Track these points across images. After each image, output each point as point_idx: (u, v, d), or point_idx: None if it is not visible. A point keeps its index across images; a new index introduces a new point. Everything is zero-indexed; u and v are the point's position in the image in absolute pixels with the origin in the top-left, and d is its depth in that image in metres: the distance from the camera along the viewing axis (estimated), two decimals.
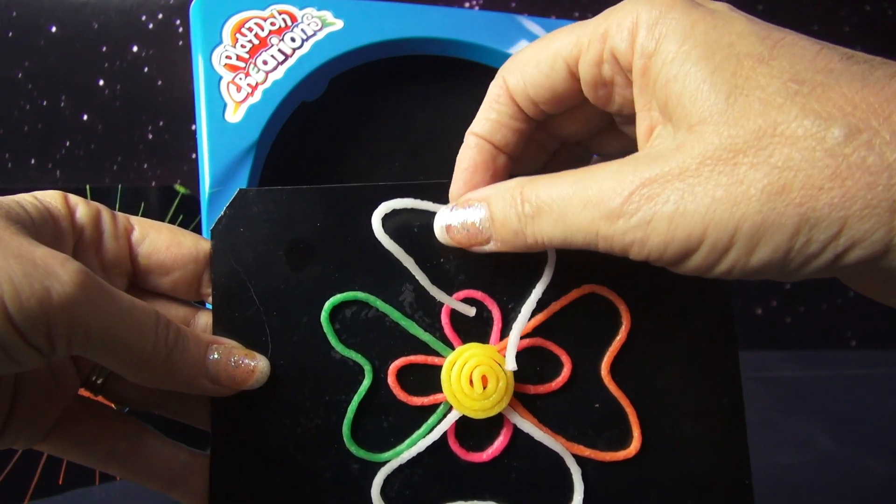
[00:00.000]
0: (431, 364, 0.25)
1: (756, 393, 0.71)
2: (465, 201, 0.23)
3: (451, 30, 0.39)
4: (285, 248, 0.25)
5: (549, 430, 0.25)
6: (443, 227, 0.23)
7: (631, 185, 0.18)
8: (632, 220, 0.18)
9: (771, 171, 0.16)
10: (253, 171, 0.34)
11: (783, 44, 0.18)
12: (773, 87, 0.17)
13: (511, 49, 0.40)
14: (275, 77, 0.35)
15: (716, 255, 0.18)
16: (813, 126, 0.16)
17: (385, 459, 0.24)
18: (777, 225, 0.17)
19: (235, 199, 0.25)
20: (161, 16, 0.70)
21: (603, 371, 0.25)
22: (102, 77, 0.70)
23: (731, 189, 0.17)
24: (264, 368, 0.24)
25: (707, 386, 0.25)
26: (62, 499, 0.51)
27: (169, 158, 0.72)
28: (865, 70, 0.17)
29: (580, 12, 0.82)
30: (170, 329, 0.21)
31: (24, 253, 0.18)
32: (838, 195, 0.16)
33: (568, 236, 0.20)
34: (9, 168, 0.68)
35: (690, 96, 0.18)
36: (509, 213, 0.21)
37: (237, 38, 0.35)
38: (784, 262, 0.17)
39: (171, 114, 0.71)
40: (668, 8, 0.19)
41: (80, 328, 0.18)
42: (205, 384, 0.22)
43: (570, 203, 0.19)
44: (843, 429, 0.66)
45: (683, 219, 0.17)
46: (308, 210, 0.25)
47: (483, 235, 0.22)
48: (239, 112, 0.34)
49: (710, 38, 0.18)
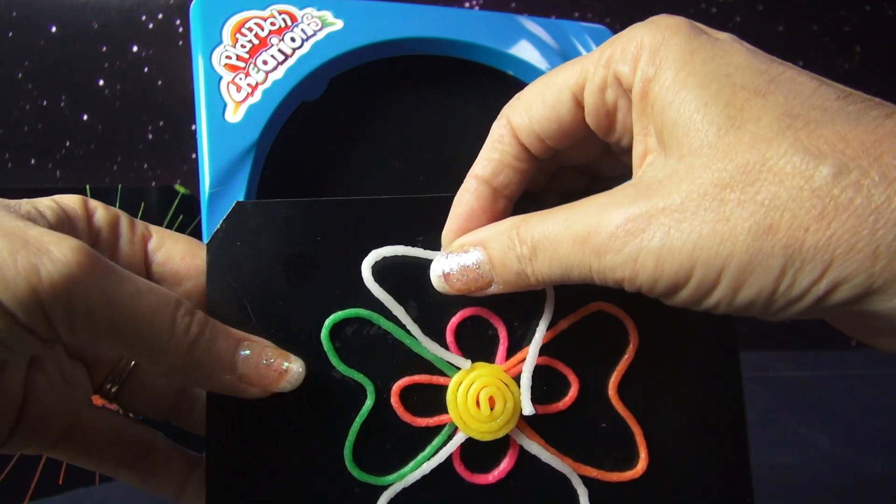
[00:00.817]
0: (436, 384, 0.24)
1: (756, 393, 0.71)
2: (460, 247, 0.22)
3: (451, 30, 0.39)
4: (284, 262, 0.24)
5: (556, 452, 0.24)
6: (440, 277, 0.23)
7: (617, 220, 0.18)
8: (618, 257, 0.18)
9: (758, 210, 0.16)
10: (253, 171, 0.34)
11: (782, 78, 0.18)
12: (765, 121, 0.17)
13: (511, 49, 0.40)
14: (275, 77, 0.35)
15: (703, 292, 0.18)
16: (802, 163, 0.16)
17: (388, 483, 0.23)
18: (763, 266, 0.16)
19: (232, 213, 0.24)
20: (161, 16, 0.70)
21: (610, 391, 0.24)
22: (102, 77, 0.70)
23: (718, 226, 0.17)
24: (298, 371, 0.23)
25: (711, 402, 0.25)
26: (62, 499, 0.51)
27: (169, 158, 0.72)
28: (861, 109, 0.17)
29: (580, 12, 0.82)
30: (194, 318, 0.21)
31: (15, 232, 0.17)
32: (824, 238, 0.16)
33: (565, 273, 0.20)
34: (9, 168, 0.68)
35: (684, 125, 0.18)
36: (509, 256, 0.21)
37: (237, 38, 0.35)
38: (768, 303, 0.17)
39: (171, 114, 0.71)
40: (671, 35, 0.19)
41: (80, 309, 0.18)
42: (233, 382, 0.22)
43: (561, 240, 0.19)
44: (843, 429, 0.66)
45: (671, 255, 0.17)
46: (308, 223, 0.24)
47: (484, 280, 0.22)
48: (239, 112, 0.34)
49: (707, 68, 0.18)
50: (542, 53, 0.40)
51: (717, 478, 0.25)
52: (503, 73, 0.41)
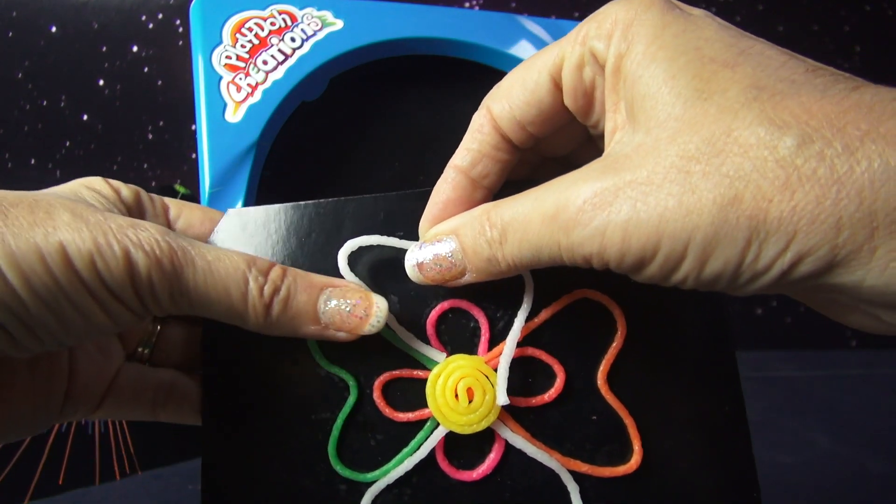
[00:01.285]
0: (417, 378, 0.24)
1: (756, 393, 0.71)
2: (433, 236, 0.22)
3: (451, 30, 0.39)
4: None
5: (543, 445, 0.23)
6: (414, 267, 0.23)
7: (585, 195, 0.18)
8: (587, 230, 0.18)
9: (722, 181, 0.16)
10: (253, 171, 0.34)
11: (751, 51, 0.18)
12: (732, 92, 0.17)
13: (511, 49, 0.40)
14: (275, 77, 0.35)
15: (671, 265, 0.17)
16: (766, 134, 0.16)
17: (372, 479, 0.23)
18: (729, 237, 0.16)
19: (225, 222, 0.25)
20: (161, 16, 0.70)
21: (599, 381, 0.24)
22: (102, 77, 0.70)
23: (684, 198, 0.17)
24: (381, 310, 0.23)
25: (707, 393, 0.24)
26: (62, 499, 0.51)
27: (169, 158, 0.72)
28: (828, 82, 0.17)
29: (580, 12, 0.82)
30: (268, 276, 0.21)
31: (102, 223, 0.19)
32: (787, 208, 0.16)
33: (534, 254, 0.20)
34: (9, 168, 0.68)
35: (652, 98, 0.18)
36: (479, 242, 0.21)
37: (237, 38, 0.35)
38: (735, 275, 0.17)
39: (171, 114, 0.71)
40: (643, 10, 0.19)
41: (165, 288, 0.20)
42: (319, 331, 0.22)
43: (530, 220, 0.19)
44: (843, 429, 0.66)
45: (637, 228, 0.17)
46: (293, 227, 0.25)
47: (457, 269, 0.22)
48: (239, 112, 0.34)
49: (678, 41, 0.18)
50: None
51: (719, 472, 0.23)
52: (503, 74, 0.41)
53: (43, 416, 0.23)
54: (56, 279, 0.18)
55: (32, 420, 0.22)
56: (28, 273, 0.18)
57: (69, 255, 0.18)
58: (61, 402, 0.23)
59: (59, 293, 0.18)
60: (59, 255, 0.18)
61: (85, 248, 0.18)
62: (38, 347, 0.19)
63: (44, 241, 0.18)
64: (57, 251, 0.18)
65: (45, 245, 0.18)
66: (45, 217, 0.19)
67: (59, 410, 0.23)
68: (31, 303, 0.18)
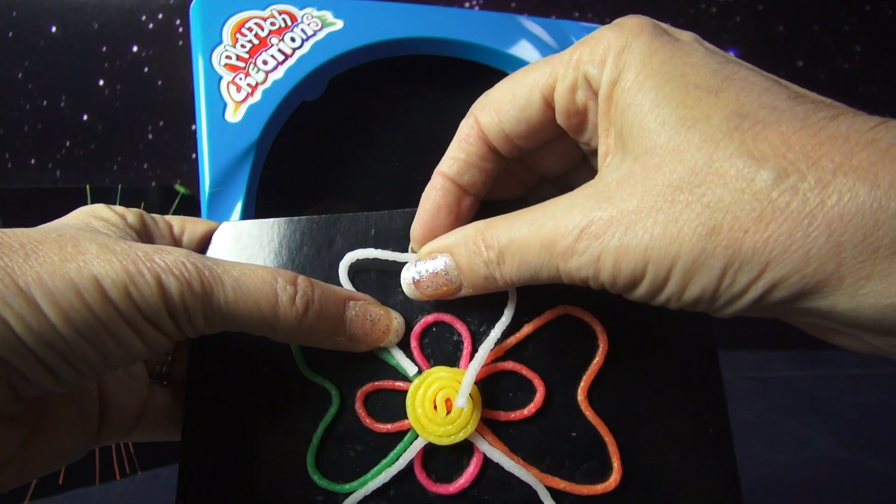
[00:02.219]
0: (398, 389, 0.24)
1: (756, 393, 0.71)
2: (428, 254, 0.23)
3: (451, 30, 0.39)
4: None
5: (521, 461, 0.23)
6: (410, 284, 0.23)
7: (580, 224, 0.19)
8: (583, 258, 0.19)
9: (703, 211, 0.17)
10: (253, 171, 0.34)
11: (735, 77, 0.18)
12: (715, 120, 0.18)
13: (511, 49, 0.40)
14: (275, 77, 0.35)
15: (655, 288, 0.18)
16: (745, 167, 0.17)
17: (349, 490, 0.23)
18: (707, 266, 0.17)
19: (219, 236, 0.25)
20: (161, 16, 0.70)
21: (580, 397, 0.24)
22: (102, 77, 0.70)
23: (668, 227, 0.17)
24: (399, 326, 0.24)
25: (692, 412, 0.24)
26: (62, 499, 0.51)
27: (169, 158, 0.72)
28: (809, 110, 0.17)
29: (580, 12, 0.82)
30: (297, 287, 0.22)
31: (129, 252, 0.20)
32: (761, 239, 0.16)
33: (534, 274, 0.20)
34: (9, 168, 0.68)
35: (639, 126, 0.19)
36: (475, 261, 0.21)
37: (237, 38, 0.35)
38: (713, 300, 0.18)
39: (171, 114, 0.71)
40: (633, 36, 0.20)
41: (197, 309, 0.20)
42: (342, 341, 0.23)
43: (528, 245, 0.20)
44: (843, 429, 0.66)
45: (626, 255, 0.18)
46: (285, 241, 0.25)
47: (453, 284, 0.22)
48: (239, 112, 0.34)
49: (665, 68, 0.19)
50: (542, 53, 0.40)
51: (701, 495, 0.23)
52: (503, 73, 0.41)
53: (81, 442, 0.23)
54: (94, 312, 0.18)
55: (72, 448, 0.22)
56: (66, 308, 0.18)
57: (104, 287, 0.18)
58: (96, 428, 0.23)
59: (97, 325, 0.18)
60: (95, 288, 0.18)
61: (119, 278, 0.19)
62: (78, 381, 0.19)
63: (78, 276, 0.18)
64: (92, 284, 0.18)
65: (79, 279, 0.18)
66: (74, 252, 0.19)
67: (95, 436, 0.23)
68: (70, 338, 0.18)
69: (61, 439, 0.22)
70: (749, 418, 0.68)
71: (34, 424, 0.21)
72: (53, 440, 0.22)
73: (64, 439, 0.22)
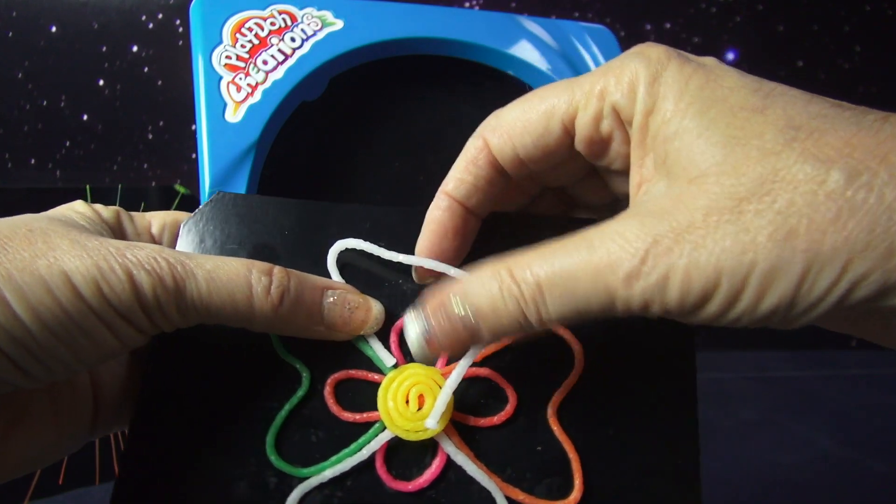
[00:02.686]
0: (371, 381, 0.24)
1: (756, 393, 0.71)
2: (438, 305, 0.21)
3: (451, 30, 0.39)
4: (250, 250, 0.25)
5: (484, 467, 0.23)
6: (420, 343, 0.21)
7: (644, 244, 0.18)
8: (650, 279, 0.18)
9: (776, 217, 0.17)
10: (253, 171, 0.34)
11: (775, 93, 0.19)
12: (769, 135, 0.18)
13: (511, 49, 0.40)
14: (275, 77, 0.35)
15: (729, 302, 0.18)
16: (813, 170, 0.17)
17: (305, 475, 0.22)
18: (785, 271, 0.17)
19: (213, 200, 0.25)
20: (161, 16, 0.70)
21: (549, 412, 0.23)
22: (102, 77, 0.70)
23: (739, 237, 0.17)
24: (378, 314, 0.23)
25: (661, 444, 0.24)
26: (62, 499, 0.51)
27: (169, 158, 0.72)
28: (857, 115, 0.17)
29: (580, 12, 0.82)
30: (272, 277, 0.22)
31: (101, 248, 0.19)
32: (841, 238, 0.16)
33: (582, 308, 0.19)
34: (9, 168, 0.68)
35: (688, 151, 0.19)
36: (503, 303, 0.20)
37: (237, 38, 0.35)
38: (790, 307, 0.17)
39: (171, 114, 0.71)
40: (662, 66, 0.20)
41: (170, 303, 0.20)
42: (321, 331, 0.23)
43: (577, 275, 0.19)
44: (843, 429, 0.66)
45: (697, 270, 0.18)
46: (279, 219, 0.25)
47: (470, 332, 0.20)
48: (239, 112, 0.34)
49: (703, 94, 0.19)
50: (542, 53, 0.40)
51: None
52: (503, 73, 0.41)
53: (73, 437, 0.23)
54: (64, 308, 0.18)
55: (60, 443, 0.22)
56: (35, 305, 0.18)
57: (74, 283, 0.18)
58: (90, 421, 0.23)
59: (68, 321, 0.18)
60: (65, 284, 0.18)
61: (89, 274, 0.19)
62: (48, 377, 0.19)
63: (48, 272, 0.18)
64: (62, 280, 0.18)
65: (49, 275, 0.18)
66: (44, 247, 0.19)
67: (89, 429, 0.23)
68: (40, 334, 0.18)
69: (46, 434, 0.22)
70: (749, 418, 0.68)
71: (10, 419, 0.21)
72: (37, 434, 0.21)
73: (49, 434, 0.22)
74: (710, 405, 0.66)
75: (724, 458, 0.59)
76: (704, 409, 0.25)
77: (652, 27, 0.82)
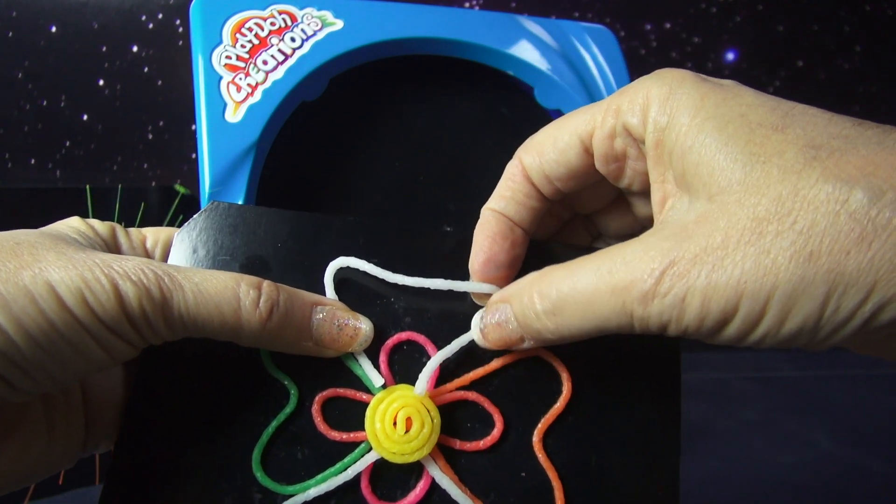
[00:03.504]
0: (359, 400, 0.24)
1: (756, 393, 0.71)
2: (494, 304, 0.23)
3: (451, 30, 0.39)
4: (242, 261, 0.25)
5: (468, 491, 0.23)
6: (479, 332, 0.23)
7: (661, 265, 0.18)
8: (666, 300, 0.18)
9: (797, 238, 0.17)
10: (253, 171, 0.34)
11: (794, 112, 0.18)
12: (790, 154, 0.17)
13: (511, 49, 0.40)
14: (275, 77, 0.35)
15: (749, 325, 0.18)
16: (835, 190, 0.16)
17: (290, 493, 0.23)
18: (808, 293, 0.17)
19: (207, 210, 0.25)
20: (161, 16, 0.70)
21: (535, 438, 0.24)
22: (102, 77, 0.70)
23: (760, 259, 0.17)
24: (367, 332, 0.24)
25: (643, 472, 0.24)
26: (62, 499, 0.51)
27: (169, 158, 0.72)
28: (879, 134, 0.17)
29: (580, 12, 0.82)
30: (261, 291, 0.22)
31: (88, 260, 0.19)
32: (865, 259, 0.16)
33: (600, 324, 0.20)
34: (9, 168, 0.68)
35: (707, 166, 0.19)
36: (528, 314, 0.21)
37: (237, 38, 0.35)
38: (815, 330, 0.17)
39: (171, 114, 0.71)
40: (678, 84, 0.20)
41: (157, 316, 0.20)
42: (310, 347, 0.23)
43: (596, 292, 0.19)
44: (843, 429, 0.66)
45: (716, 292, 0.17)
46: (273, 230, 0.25)
47: (515, 335, 0.22)
48: (239, 112, 0.34)
49: (721, 110, 0.19)
50: (542, 53, 0.40)
51: None
52: (503, 73, 0.41)
53: (67, 451, 0.23)
54: (49, 319, 0.18)
55: (53, 457, 0.22)
56: (21, 316, 0.18)
57: (59, 293, 0.18)
58: (83, 436, 0.23)
59: (53, 333, 0.18)
60: (50, 295, 0.18)
61: (74, 284, 0.19)
62: (36, 389, 0.19)
63: (32, 283, 0.18)
64: (47, 291, 0.18)
65: (33, 286, 0.18)
66: (30, 259, 0.19)
67: (82, 444, 0.23)
68: (25, 346, 0.18)
69: (38, 446, 0.21)
70: (749, 418, 0.68)
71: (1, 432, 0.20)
72: (29, 448, 0.21)
73: (41, 446, 0.21)
74: (710, 405, 0.66)
75: (724, 458, 0.59)
76: (704, 409, 0.25)
77: (652, 27, 0.82)
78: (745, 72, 0.84)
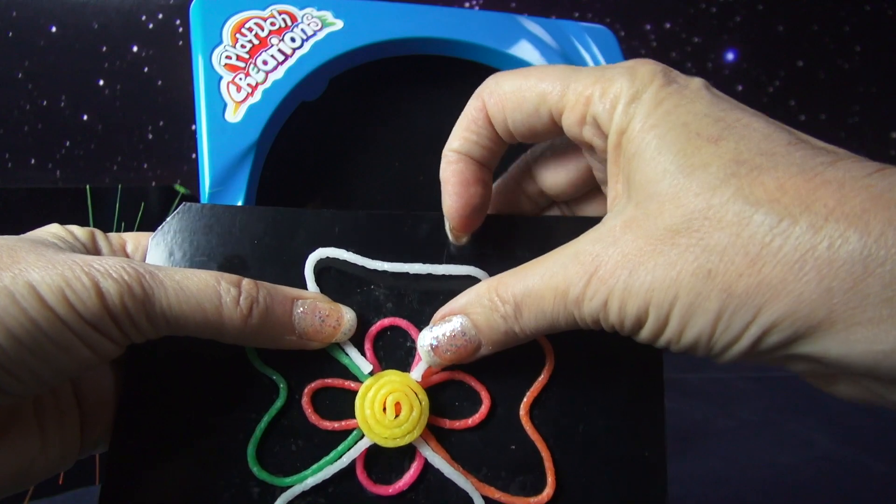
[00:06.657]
0: (348, 389, 0.24)
1: (756, 393, 0.71)
2: (442, 317, 0.23)
3: (451, 30, 0.39)
4: (220, 261, 0.25)
5: (460, 468, 0.24)
6: (428, 351, 0.23)
7: (588, 270, 0.19)
8: (593, 302, 0.19)
9: (700, 255, 0.17)
10: (253, 171, 0.34)
11: (737, 125, 0.19)
12: (714, 168, 0.18)
13: (511, 49, 0.40)
14: (275, 77, 0.35)
15: (657, 331, 0.19)
16: (741, 211, 0.17)
17: (287, 484, 0.23)
18: (702, 309, 0.17)
19: (180, 212, 0.25)
20: (161, 16, 0.70)
21: (521, 412, 0.24)
22: (102, 77, 0.70)
23: (668, 271, 0.18)
24: (350, 321, 0.24)
25: (629, 436, 0.24)
26: (62, 499, 0.52)
27: (169, 158, 0.72)
28: (807, 156, 0.17)
29: (580, 12, 0.82)
30: (242, 288, 0.22)
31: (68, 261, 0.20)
32: (754, 283, 0.17)
33: (553, 323, 0.21)
34: (9, 168, 0.68)
35: (643, 173, 0.19)
36: (494, 318, 0.22)
37: (237, 38, 0.35)
38: (710, 344, 0.18)
39: (171, 114, 0.71)
40: (644, 85, 0.20)
41: (139, 313, 0.20)
42: (294, 340, 0.23)
43: (543, 296, 0.20)
44: (843, 429, 0.66)
45: (630, 297, 0.18)
46: (248, 228, 0.25)
47: (472, 345, 0.22)
48: (239, 112, 0.34)
49: (669, 118, 0.19)
50: (542, 53, 0.40)
51: None
52: None
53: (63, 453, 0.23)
54: (31, 318, 0.18)
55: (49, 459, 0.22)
56: (2, 317, 0.18)
57: (40, 293, 0.18)
58: (79, 437, 0.23)
59: (35, 332, 0.18)
60: (31, 294, 0.18)
61: (54, 283, 0.19)
62: (23, 390, 0.19)
63: (13, 284, 0.18)
64: (27, 290, 0.18)
65: (14, 287, 0.18)
66: (10, 261, 0.19)
67: (79, 445, 0.23)
68: (8, 345, 0.18)
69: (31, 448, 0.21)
70: (749, 418, 0.68)
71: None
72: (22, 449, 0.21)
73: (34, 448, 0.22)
74: (710, 405, 0.66)
75: (724, 458, 0.59)
76: (704, 409, 0.25)
77: (652, 27, 0.82)
78: (745, 72, 0.84)
